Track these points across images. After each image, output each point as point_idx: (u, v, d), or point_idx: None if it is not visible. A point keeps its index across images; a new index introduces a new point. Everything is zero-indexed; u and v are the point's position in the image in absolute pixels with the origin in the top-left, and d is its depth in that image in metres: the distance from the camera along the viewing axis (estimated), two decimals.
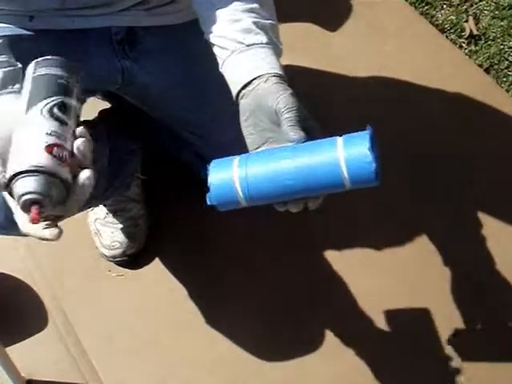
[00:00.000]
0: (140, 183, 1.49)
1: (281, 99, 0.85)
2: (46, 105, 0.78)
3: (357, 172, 0.78)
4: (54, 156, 0.75)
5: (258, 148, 0.88)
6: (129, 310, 1.41)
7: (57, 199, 0.76)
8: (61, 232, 0.79)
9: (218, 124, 1.23)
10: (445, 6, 1.92)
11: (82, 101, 0.84)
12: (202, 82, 1.21)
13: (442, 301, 1.39)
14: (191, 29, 1.20)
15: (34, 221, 0.73)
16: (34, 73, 0.81)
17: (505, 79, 1.77)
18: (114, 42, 1.15)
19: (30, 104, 0.78)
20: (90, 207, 1.44)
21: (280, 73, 0.90)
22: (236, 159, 0.84)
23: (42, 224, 0.78)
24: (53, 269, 1.45)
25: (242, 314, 1.39)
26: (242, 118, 0.90)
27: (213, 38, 0.96)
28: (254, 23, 0.93)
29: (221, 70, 0.95)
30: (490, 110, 1.68)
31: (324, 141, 0.82)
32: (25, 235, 1.17)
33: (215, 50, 0.96)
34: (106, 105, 1.46)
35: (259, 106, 0.87)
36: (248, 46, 0.92)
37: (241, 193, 0.83)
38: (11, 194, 0.75)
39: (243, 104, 0.90)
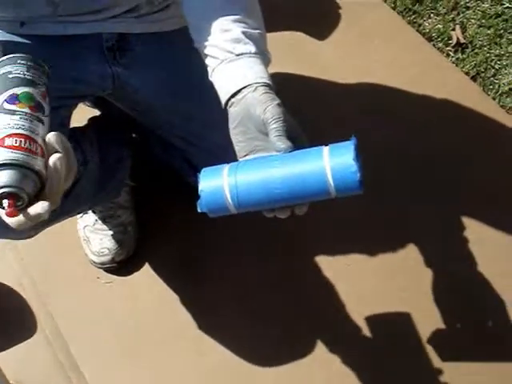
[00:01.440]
0: (129, 190, 1.49)
1: (268, 109, 0.87)
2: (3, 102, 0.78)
3: (342, 181, 0.81)
4: (22, 148, 0.75)
5: (246, 155, 0.90)
6: (117, 317, 1.41)
7: (32, 190, 0.75)
8: (49, 205, 0.76)
9: (208, 130, 1.24)
10: (432, 15, 1.94)
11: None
12: (193, 88, 1.21)
13: (431, 305, 1.40)
14: (182, 36, 1.21)
15: (10, 214, 0.73)
16: None
17: (491, 87, 1.79)
18: (105, 49, 1.16)
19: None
20: (79, 213, 1.44)
21: (268, 82, 0.91)
22: (226, 167, 0.86)
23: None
24: (41, 275, 1.45)
25: (233, 321, 1.39)
26: (231, 126, 0.92)
27: (202, 47, 0.97)
28: (243, 33, 0.94)
29: (210, 78, 0.96)
30: (477, 117, 1.69)
31: (310, 150, 0.84)
32: (15, 238, 1.17)
33: (205, 58, 0.97)
34: (96, 112, 1.47)
35: (247, 114, 0.89)
36: (237, 55, 0.93)
37: (230, 200, 0.85)
38: None
39: (232, 112, 0.91)
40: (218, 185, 0.85)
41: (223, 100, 0.93)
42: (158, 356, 1.36)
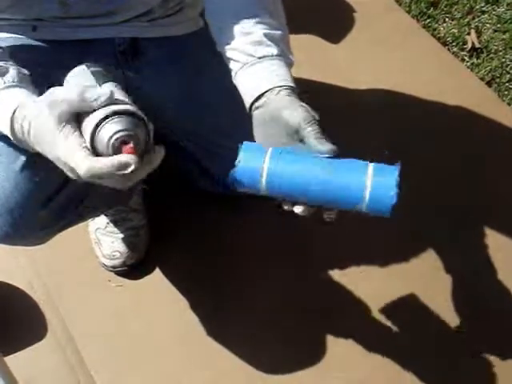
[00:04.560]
0: (141, 193, 1.49)
1: (298, 113, 0.86)
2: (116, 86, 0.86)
3: (377, 201, 0.82)
4: (131, 104, 0.82)
5: None
6: (128, 321, 1.41)
7: (144, 138, 0.81)
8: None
9: (221, 135, 1.24)
10: (447, 19, 1.93)
11: None
12: (205, 93, 1.21)
13: (448, 311, 1.40)
14: (194, 40, 1.21)
15: (132, 151, 0.78)
16: (88, 69, 0.88)
17: (506, 92, 1.78)
18: (118, 53, 1.15)
19: (100, 82, 0.86)
20: (90, 217, 1.44)
21: (291, 85, 0.91)
22: (270, 150, 0.86)
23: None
24: (52, 278, 1.45)
25: (243, 326, 1.39)
26: (255, 129, 0.92)
27: (225, 50, 0.97)
28: (265, 35, 0.94)
29: (234, 81, 0.96)
30: (492, 123, 1.68)
31: (356, 162, 0.85)
32: (27, 245, 1.17)
33: (227, 61, 0.97)
34: None
35: (272, 118, 0.89)
36: (259, 58, 0.93)
37: (264, 182, 0.84)
38: (95, 144, 0.79)
39: (256, 116, 0.92)
40: (257, 163, 0.85)
41: (247, 104, 0.93)
42: (169, 359, 1.36)
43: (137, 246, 1.45)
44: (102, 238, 1.46)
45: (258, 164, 0.85)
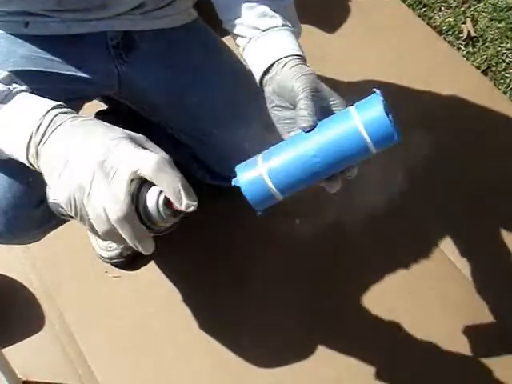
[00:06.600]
0: None
1: (295, 86, 0.85)
2: None
3: (378, 135, 0.80)
4: None
5: (289, 133, 0.89)
6: (125, 312, 1.41)
7: None
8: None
9: (216, 127, 1.23)
10: (443, 8, 1.93)
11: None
12: (200, 86, 1.20)
13: (448, 312, 1.40)
14: (187, 31, 1.20)
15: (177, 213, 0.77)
16: None
17: (502, 81, 1.78)
18: (110, 47, 1.13)
19: None
20: None
21: (297, 53, 0.91)
22: (259, 157, 0.84)
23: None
24: (49, 270, 1.45)
25: (240, 317, 1.39)
26: (269, 106, 0.91)
27: (231, 27, 0.97)
28: (269, 6, 0.94)
29: (243, 57, 0.97)
30: (488, 111, 1.68)
31: (338, 114, 0.84)
32: (23, 243, 1.17)
33: (234, 38, 0.98)
34: (103, 106, 1.46)
35: (280, 92, 0.89)
36: (264, 31, 0.93)
37: (273, 186, 0.82)
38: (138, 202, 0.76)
39: (266, 92, 0.92)
40: (256, 175, 0.82)
41: (257, 79, 0.93)
42: (166, 351, 1.36)
43: None
44: None
45: (257, 175, 0.82)
